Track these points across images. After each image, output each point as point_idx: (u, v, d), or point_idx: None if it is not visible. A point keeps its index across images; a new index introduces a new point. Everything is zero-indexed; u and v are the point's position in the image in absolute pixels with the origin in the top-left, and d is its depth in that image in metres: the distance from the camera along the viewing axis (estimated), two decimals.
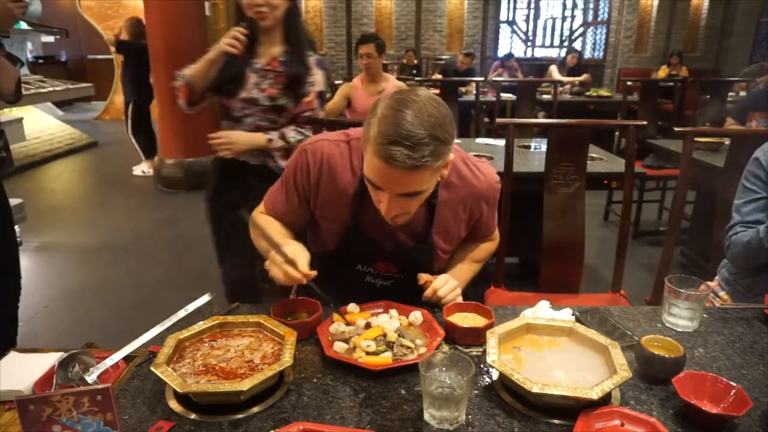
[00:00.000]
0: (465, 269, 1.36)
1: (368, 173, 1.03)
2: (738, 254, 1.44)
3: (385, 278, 1.28)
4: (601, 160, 2.59)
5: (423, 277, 1.19)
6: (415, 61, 8.41)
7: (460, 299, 1.19)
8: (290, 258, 1.05)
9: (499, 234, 1.45)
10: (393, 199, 1.03)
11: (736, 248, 1.43)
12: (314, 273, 1.06)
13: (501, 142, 3.03)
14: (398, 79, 4.26)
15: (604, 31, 11.16)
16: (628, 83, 4.73)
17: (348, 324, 1.07)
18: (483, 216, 1.30)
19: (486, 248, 1.42)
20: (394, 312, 1.12)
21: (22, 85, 1.80)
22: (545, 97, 5.55)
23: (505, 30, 11.52)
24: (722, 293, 1.56)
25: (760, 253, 1.36)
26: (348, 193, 1.19)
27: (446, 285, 1.17)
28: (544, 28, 11.48)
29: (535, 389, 0.80)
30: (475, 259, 1.39)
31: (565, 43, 11.28)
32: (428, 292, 1.17)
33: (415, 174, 0.97)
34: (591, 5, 11.17)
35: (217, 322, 1.03)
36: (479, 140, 3.32)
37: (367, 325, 1.06)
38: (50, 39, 9.46)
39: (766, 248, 1.33)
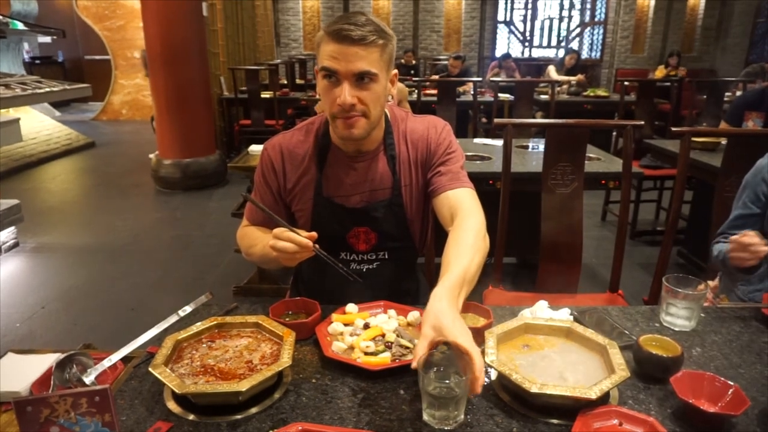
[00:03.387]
0: (465, 276, 0.99)
1: (323, 62, 1.10)
2: (714, 262, 1.49)
3: (369, 261, 1.29)
4: (598, 160, 2.59)
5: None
6: (414, 62, 8.41)
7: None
8: (291, 228, 1.04)
9: (476, 203, 1.20)
10: (349, 84, 1.09)
11: (713, 256, 1.49)
12: (315, 234, 1.05)
13: (499, 143, 3.04)
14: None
15: (601, 31, 11.18)
16: (625, 83, 4.75)
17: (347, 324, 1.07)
18: (433, 152, 1.25)
19: (472, 229, 1.10)
20: (392, 312, 1.12)
21: (20, 85, 1.77)
22: (543, 97, 5.56)
23: (502, 30, 11.53)
24: (723, 295, 1.57)
25: (724, 269, 1.42)
26: (311, 161, 1.25)
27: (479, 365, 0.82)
28: (542, 29, 11.49)
29: (534, 389, 0.80)
30: (468, 255, 1.03)
31: (563, 44, 11.30)
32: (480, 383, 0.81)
33: (364, 47, 1.07)
34: (588, 6, 11.19)
35: (215, 322, 1.03)
36: (477, 140, 3.32)
37: (366, 326, 1.06)
38: (47, 39, 9.46)
39: (722, 269, 1.39)
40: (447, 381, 0.83)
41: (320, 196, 1.24)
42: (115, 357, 0.96)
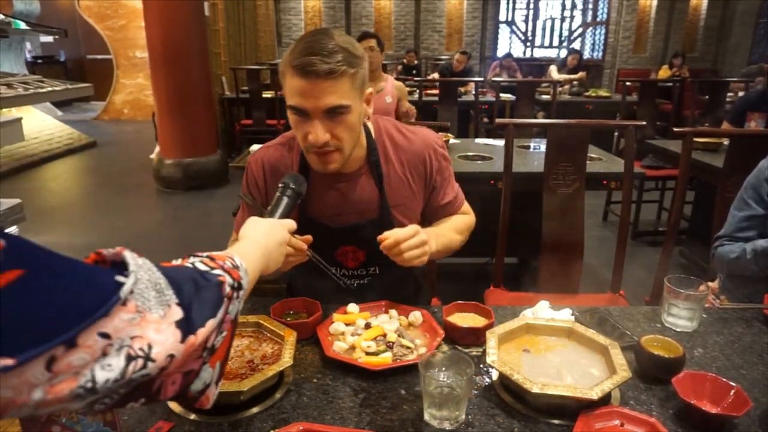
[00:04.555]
0: (441, 232, 1.22)
1: (290, 100, 1.03)
2: (722, 266, 1.48)
3: (360, 276, 1.26)
4: (600, 161, 2.59)
5: (385, 234, 1.04)
6: (416, 62, 8.41)
7: (425, 258, 1.06)
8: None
9: (473, 212, 1.37)
10: (319, 121, 1.03)
11: (720, 261, 1.46)
12: (310, 238, 1.04)
13: (500, 143, 3.03)
14: (397, 79, 4.25)
15: (603, 31, 11.17)
16: (627, 83, 4.74)
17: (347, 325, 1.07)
18: (435, 180, 1.24)
19: (464, 219, 1.32)
20: (393, 312, 1.12)
21: (22, 85, 1.78)
22: (544, 97, 5.55)
23: (504, 30, 11.53)
24: (723, 296, 1.56)
25: (745, 270, 1.40)
26: None
27: (413, 238, 1.03)
28: (543, 29, 11.48)
29: (535, 389, 0.80)
30: (454, 228, 1.27)
31: (564, 44, 11.29)
32: (389, 242, 1.02)
33: (333, 82, 0.99)
34: (590, 5, 11.17)
35: None
36: (478, 140, 3.32)
37: (367, 326, 1.06)
38: (49, 39, 9.46)
39: (752, 269, 1.36)
40: (448, 381, 0.83)
41: (304, 216, 1.20)
42: None
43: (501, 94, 5.04)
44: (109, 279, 0.47)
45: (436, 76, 6.81)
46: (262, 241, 0.81)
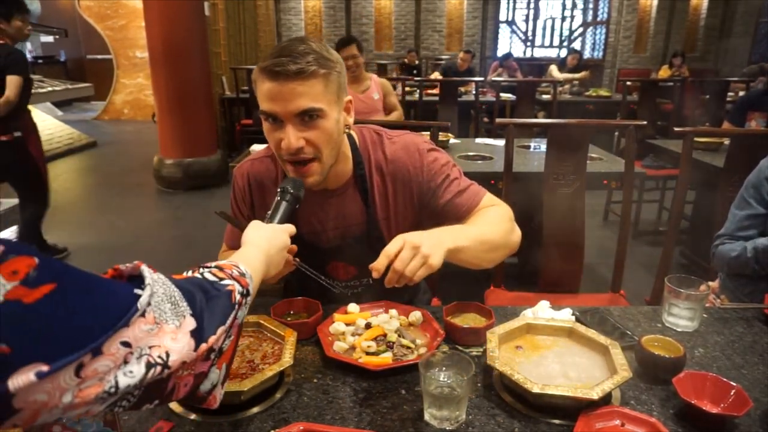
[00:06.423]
0: (457, 227, 1.04)
1: (262, 105, 0.99)
2: (722, 265, 1.49)
3: (353, 287, 1.24)
4: (600, 160, 2.59)
5: (378, 263, 0.88)
6: (416, 61, 8.41)
7: (434, 262, 0.87)
8: None
9: (498, 199, 1.20)
10: (292, 126, 0.98)
11: (721, 260, 1.47)
12: (294, 247, 1.01)
13: (501, 142, 3.03)
14: (399, 78, 4.25)
15: (604, 31, 11.16)
16: (628, 83, 4.74)
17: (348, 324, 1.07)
18: (427, 185, 1.15)
19: (493, 210, 1.14)
20: (394, 312, 1.12)
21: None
22: (545, 97, 5.55)
23: (504, 30, 11.52)
24: (723, 296, 1.56)
25: (745, 269, 1.41)
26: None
27: (403, 250, 0.87)
28: (544, 28, 11.47)
29: (536, 389, 0.80)
30: (481, 222, 1.10)
31: (565, 43, 11.28)
32: (381, 267, 0.87)
33: (304, 83, 0.96)
34: (590, 5, 11.17)
35: None
36: (479, 140, 3.32)
37: (367, 325, 1.06)
38: (49, 39, 9.48)
39: (752, 267, 1.37)
40: (448, 381, 0.83)
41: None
42: None
43: (501, 94, 5.04)
44: (129, 292, 0.50)
45: (437, 75, 6.82)
46: (264, 247, 0.83)
